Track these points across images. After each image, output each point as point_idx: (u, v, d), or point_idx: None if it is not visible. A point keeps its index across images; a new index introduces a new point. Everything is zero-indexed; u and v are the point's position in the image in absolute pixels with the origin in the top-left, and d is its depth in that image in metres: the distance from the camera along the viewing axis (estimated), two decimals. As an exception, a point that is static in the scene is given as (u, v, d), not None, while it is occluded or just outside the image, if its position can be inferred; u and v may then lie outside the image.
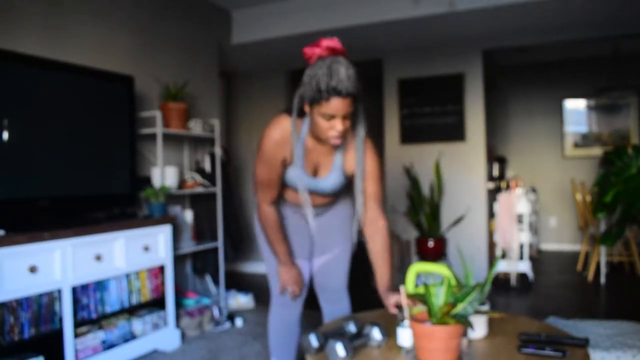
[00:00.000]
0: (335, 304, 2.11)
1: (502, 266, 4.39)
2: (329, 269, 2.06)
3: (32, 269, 2.16)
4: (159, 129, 3.08)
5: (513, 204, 4.32)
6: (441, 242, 4.45)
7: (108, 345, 2.54)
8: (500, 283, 4.44)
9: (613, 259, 4.92)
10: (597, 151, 6.05)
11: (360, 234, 1.97)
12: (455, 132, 4.59)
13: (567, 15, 3.81)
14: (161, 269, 2.90)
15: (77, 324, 2.39)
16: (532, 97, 6.45)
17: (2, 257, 2.05)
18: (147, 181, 3.18)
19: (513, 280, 4.41)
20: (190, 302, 3.30)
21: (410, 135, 4.76)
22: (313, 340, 1.39)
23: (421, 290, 1.43)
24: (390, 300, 1.63)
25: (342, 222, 2.04)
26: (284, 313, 2.06)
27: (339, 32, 4.10)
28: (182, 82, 3.45)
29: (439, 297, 1.26)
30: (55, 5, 2.77)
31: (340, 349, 1.31)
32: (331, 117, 1.50)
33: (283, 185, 1.81)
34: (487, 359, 1.34)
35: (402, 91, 4.79)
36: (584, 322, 2.46)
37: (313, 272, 2.10)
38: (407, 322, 1.42)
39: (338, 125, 1.51)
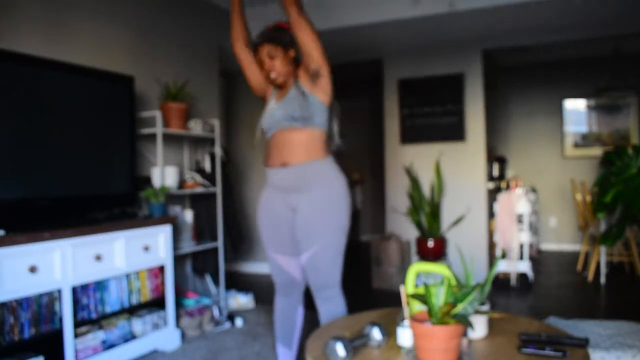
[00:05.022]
0: (328, 303, 2.08)
1: (502, 266, 4.39)
2: (317, 262, 2.04)
3: (32, 269, 2.16)
4: (159, 129, 3.08)
5: (513, 204, 4.32)
6: (441, 242, 4.44)
7: (108, 345, 2.54)
8: (500, 283, 4.44)
9: (613, 259, 4.92)
10: (597, 151, 6.05)
11: (357, 233, 2.02)
12: (455, 132, 4.59)
13: (567, 15, 3.81)
14: (161, 269, 2.90)
15: (77, 324, 2.39)
16: (532, 97, 6.45)
17: (2, 257, 2.05)
18: (147, 181, 3.18)
19: (513, 280, 4.41)
20: (190, 302, 3.30)
21: (410, 135, 4.76)
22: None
23: (421, 290, 1.43)
24: None
25: (326, 211, 2.02)
26: (284, 302, 2.24)
27: (339, 32, 4.10)
28: (182, 82, 3.45)
29: (439, 297, 1.26)
30: (56, 5, 2.77)
31: (340, 349, 1.31)
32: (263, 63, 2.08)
33: (265, 143, 2.18)
34: (487, 359, 1.34)
35: (402, 91, 4.79)
36: (584, 322, 2.46)
37: (304, 268, 2.10)
38: (407, 322, 1.42)
39: (267, 63, 2.06)
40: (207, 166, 3.74)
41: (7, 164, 2.25)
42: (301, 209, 2.04)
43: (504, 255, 4.39)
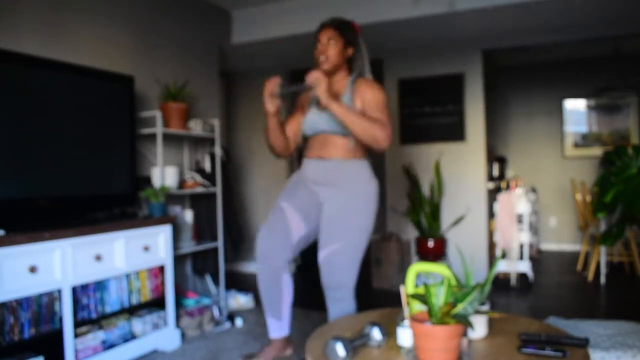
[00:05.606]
0: (339, 303, 2.06)
1: (502, 266, 4.39)
2: (335, 260, 2.02)
3: (32, 269, 2.16)
4: (159, 129, 3.08)
5: (513, 204, 4.32)
6: (441, 242, 4.44)
7: (108, 345, 2.54)
8: (500, 283, 4.44)
9: (613, 259, 4.92)
10: (597, 151, 6.05)
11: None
12: (455, 132, 4.59)
13: (567, 15, 3.81)
14: (161, 269, 2.90)
15: (77, 324, 2.39)
16: (532, 97, 6.45)
17: (2, 257, 2.05)
18: (147, 181, 3.18)
19: (513, 280, 4.41)
20: (190, 302, 3.30)
21: (410, 135, 4.76)
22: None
23: (421, 290, 1.43)
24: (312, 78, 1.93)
25: (353, 211, 2.01)
26: (265, 266, 2.16)
27: (339, 32, 4.10)
28: (182, 82, 3.45)
29: (439, 297, 1.26)
30: (56, 5, 2.77)
31: (340, 349, 1.31)
32: (318, 42, 2.11)
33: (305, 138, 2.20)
34: (487, 359, 1.34)
35: (402, 91, 4.79)
36: (584, 322, 2.47)
37: (319, 263, 2.09)
38: (407, 322, 1.42)
39: (322, 45, 2.08)
40: (207, 166, 3.74)
41: (7, 164, 2.25)
42: (329, 204, 2.05)
43: (504, 255, 4.39)
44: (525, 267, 4.34)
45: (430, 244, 4.41)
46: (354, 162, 2.05)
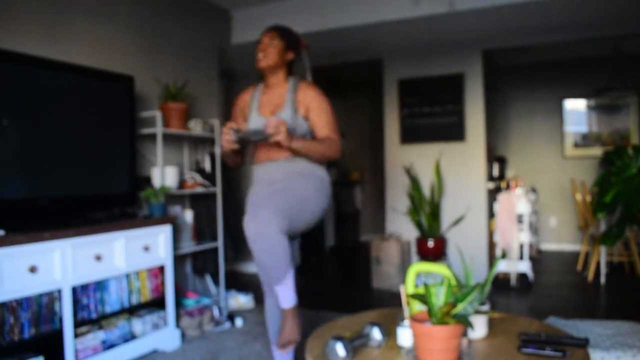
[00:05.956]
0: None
1: (502, 266, 4.39)
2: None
3: (32, 269, 2.16)
4: (159, 129, 3.08)
5: (513, 204, 4.32)
6: (441, 242, 4.44)
7: (108, 345, 2.55)
8: (500, 283, 4.44)
9: (613, 259, 4.92)
10: (597, 151, 6.05)
11: (357, 233, 1.99)
12: (455, 132, 4.59)
13: (567, 15, 3.81)
14: (161, 269, 2.90)
15: (77, 324, 2.39)
16: (532, 97, 6.45)
17: (2, 257, 2.05)
18: (147, 181, 3.18)
19: (513, 280, 4.41)
20: (190, 302, 3.30)
21: (410, 135, 4.76)
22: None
23: (421, 290, 1.43)
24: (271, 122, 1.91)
25: (306, 187, 2.02)
26: (271, 300, 2.21)
27: (339, 32, 4.10)
28: (182, 82, 3.45)
29: (439, 297, 1.26)
30: (55, 5, 2.77)
31: (340, 349, 1.31)
32: (260, 43, 2.14)
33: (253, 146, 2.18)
34: (487, 359, 1.34)
35: (402, 91, 4.79)
36: (584, 322, 2.47)
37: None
38: (407, 322, 1.42)
39: (264, 43, 2.12)
40: (207, 166, 3.74)
41: (7, 164, 2.25)
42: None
43: (504, 255, 4.39)
44: (525, 267, 4.34)
45: (430, 244, 4.41)
46: (301, 161, 2.08)
